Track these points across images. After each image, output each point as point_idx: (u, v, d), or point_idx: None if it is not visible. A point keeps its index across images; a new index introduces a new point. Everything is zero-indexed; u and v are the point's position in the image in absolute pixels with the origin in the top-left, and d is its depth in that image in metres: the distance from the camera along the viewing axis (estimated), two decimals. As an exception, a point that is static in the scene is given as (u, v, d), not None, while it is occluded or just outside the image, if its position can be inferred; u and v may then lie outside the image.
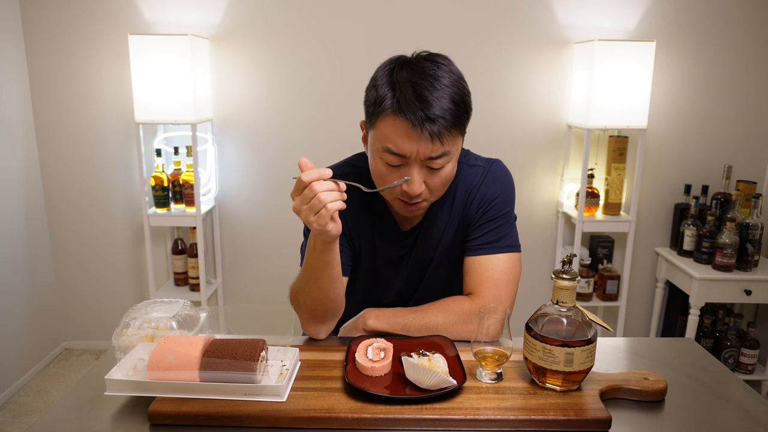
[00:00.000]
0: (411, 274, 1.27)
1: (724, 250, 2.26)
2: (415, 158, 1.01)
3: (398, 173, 1.04)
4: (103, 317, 2.74)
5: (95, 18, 2.42)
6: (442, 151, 1.01)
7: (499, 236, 1.19)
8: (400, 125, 0.99)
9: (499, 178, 1.20)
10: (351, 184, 1.00)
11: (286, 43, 2.45)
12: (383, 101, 1.00)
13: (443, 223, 1.21)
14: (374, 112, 1.03)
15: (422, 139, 0.98)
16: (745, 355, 2.38)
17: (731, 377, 1.06)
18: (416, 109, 0.97)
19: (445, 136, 1.00)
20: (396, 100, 0.99)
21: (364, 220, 1.21)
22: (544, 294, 2.70)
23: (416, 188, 1.03)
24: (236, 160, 2.58)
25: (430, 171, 1.04)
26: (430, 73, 1.00)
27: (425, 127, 0.97)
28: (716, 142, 2.53)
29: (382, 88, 1.02)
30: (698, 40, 2.44)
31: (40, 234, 2.61)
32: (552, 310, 0.96)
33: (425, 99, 0.98)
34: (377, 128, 1.03)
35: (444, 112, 0.98)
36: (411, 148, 1.00)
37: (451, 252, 1.25)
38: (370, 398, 0.91)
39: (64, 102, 2.52)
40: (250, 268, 2.70)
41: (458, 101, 1.01)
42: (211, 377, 0.91)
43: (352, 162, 1.23)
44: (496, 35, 2.44)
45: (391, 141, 1.00)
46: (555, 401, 0.92)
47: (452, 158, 1.05)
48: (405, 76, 1.01)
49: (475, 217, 1.19)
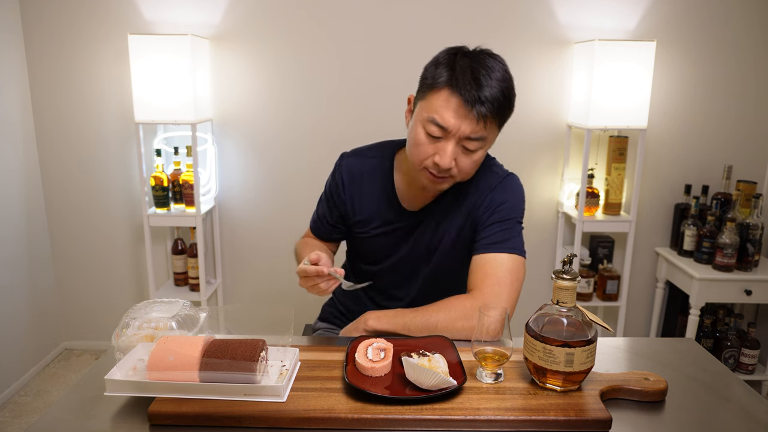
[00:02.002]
0: (412, 259, 1.30)
1: (725, 250, 2.26)
2: (455, 134, 1.10)
3: (434, 146, 1.12)
4: (103, 317, 2.74)
5: (95, 18, 2.42)
6: (481, 134, 1.11)
7: (505, 237, 1.22)
8: (453, 100, 1.08)
9: (511, 187, 1.27)
10: (335, 275, 1.14)
11: (286, 43, 2.45)
12: (441, 76, 1.10)
13: (448, 213, 1.26)
14: (431, 84, 1.11)
15: (469, 117, 1.08)
16: (746, 355, 2.38)
17: (731, 377, 1.06)
18: (471, 89, 1.07)
19: (489, 120, 1.09)
20: (455, 78, 1.08)
21: (371, 194, 1.30)
22: (544, 294, 2.70)
23: (447, 161, 1.11)
24: (236, 160, 2.58)
25: (464, 151, 1.12)
26: (488, 64, 1.11)
27: (475, 106, 1.07)
28: (716, 142, 2.53)
29: (442, 66, 1.11)
30: (698, 40, 2.44)
31: (40, 233, 2.61)
32: (552, 310, 0.96)
33: (480, 83, 1.08)
34: (428, 100, 1.12)
35: (494, 98, 1.08)
36: (456, 123, 1.09)
37: (455, 248, 1.27)
38: (370, 398, 0.91)
39: (64, 102, 2.52)
40: (250, 268, 2.70)
41: (506, 95, 1.11)
42: (211, 377, 0.91)
43: (378, 146, 1.35)
44: (496, 35, 2.44)
45: (439, 113, 1.09)
46: (555, 401, 0.92)
47: (485, 146, 1.14)
48: (465, 62, 1.10)
49: (482, 218, 1.24)
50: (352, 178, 1.32)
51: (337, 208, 1.35)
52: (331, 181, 1.36)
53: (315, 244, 1.40)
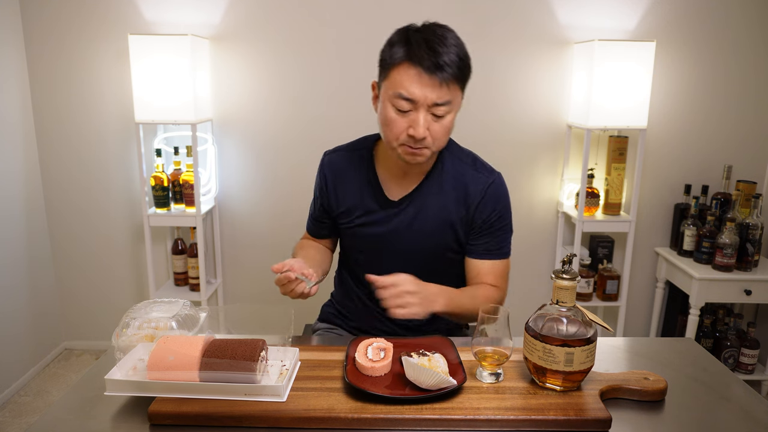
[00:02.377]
0: (399, 247, 1.33)
1: (724, 250, 2.26)
2: (423, 103, 1.14)
3: (406, 120, 1.16)
4: (103, 317, 2.74)
5: (95, 18, 2.42)
6: (447, 99, 1.15)
7: (502, 244, 1.33)
8: (412, 72, 1.13)
9: (504, 191, 1.33)
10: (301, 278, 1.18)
11: (286, 43, 2.45)
12: (398, 53, 1.15)
13: (431, 201, 1.30)
14: (390, 63, 1.17)
15: (432, 84, 1.13)
16: (745, 355, 2.38)
17: (731, 377, 1.06)
18: (429, 57, 1.12)
19: (450, 84, 1.14)
20: (411, 51, 1.13)
21: (353, 186, 1.35)
22: (544, 294, 2.70)
23: (421, 131, 1.15)
24: (236, 160, 2.58)
25: (434, 118, 1.17)
26: (440, 33, 1.16)
27: (435, 73, 1.12)
28: (716, 142, 2.53)
29: (396, 44, 1.17)
30: (698, 40, 2.44)
31: (40, 233, 2.61)
32: (552, 310, 0.96)
33: (436, 51, 1.12)
34: (390, 78, 1.17)
35: (452, 62, 1.13)
36: (420, 93, 1.13)
37: (444, 236, 1.31)
38: (370, 398, 0.91)
39: (64, 102, 2.52)
40: (250, 268, 2.70)
41: (462, 57, 1.16)
42: (211, 377, 0.91)
43: (359, 140, 1.42)
44: (496, 35, 2.44)
45: (404, 87, 1.14)
46: (555, 401, 0.92)
47: (453, 109, 1.19)
48: (418, 35, 1.15)
49: (480, 223, 1.30)
50: (335, 172, 1.37)
51: (323, 204, 1.40)
52: (317, 179, 1.42)
53: (310, 244, 1.46)
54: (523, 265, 2.67)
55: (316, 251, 1.42)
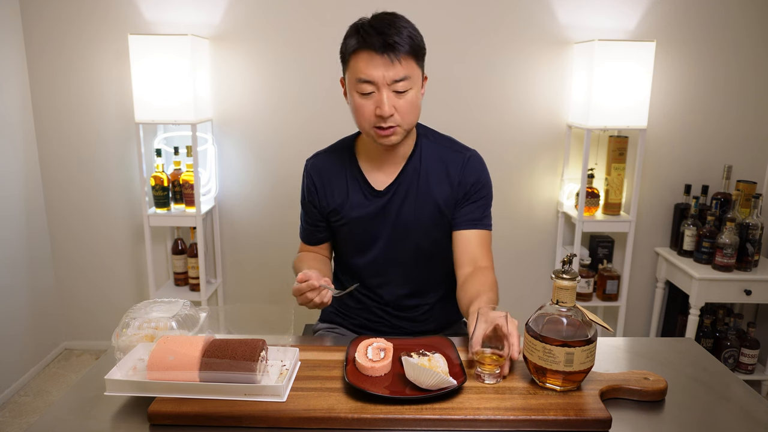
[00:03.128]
0: (392, 234, 1.36)
1: (724, 250, 2.26)
2: (382, 82, 1.20)
3: (371, 101, 1.22)
4: (103, 317, 2.74)
5: (95, 18, 2.42)
6: (403, 74, 1.20)
7: (485, 214, 1.37)
8: (366, 56, 1.20)
9: (482, 165, 1.38)
10: (327, 287, 1.18)
11: (286, 43, 2.45)
12: (351, 43, 1.22)
13: (416, 186, 1.34)
14: (346, 53, 1.24)
15: (385, 63, 1.18)
16: (745, 355, 2.38)
17: (731, 377, 1.06)
18: (378, 40, 1.18)
19: (403, 59, 1.20)
20: (362, 38, 1.20)
21: (339, 183, 1.38)
22: (544, 294, 2.70)
23: (386, 108, 1.20)
24: (236, 160, 2.58)
25: (397, 95, 1.22)
26: (388, 19, 1.22)
27: (386, 53, 1.18)
28: (716, 142, 2.53)
29: (350, 37, 1.24)
30: (698, 40, 2.44)
31: (40, 233, 2.61)
32: (552, 310, 0.96)
33: (384, 32, 1.18)
34: (350, 67, 1.24)
35: (401, 40, 1.19)
36: (377, 73, 1.19)
37: (434, 220, 1.35)
38: (370, 398, 0.91)
39: (64, 102, 2.52)
40: (250, 268, 2.70)
41: (413, 36, 1.22)
42: (211, 377, 0.91)
43: (339, 141, 1.48)
44: (496, 35, 2.44)
45: (362, 71, 1.20)
46: (555, 401, 0.92)
47: (414, 85, 1.23)
48: (367, 24, 1.22)
49: (463, 196, 1.34)
50: (320, 174, 1.40)
51: (314, 208, 1.41)
52: (303, 187, 1.45)
53: (310, 257, 1.45)
54: (523, 265, 2.67)
55: (318, 262, 1.42)
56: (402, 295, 1.41)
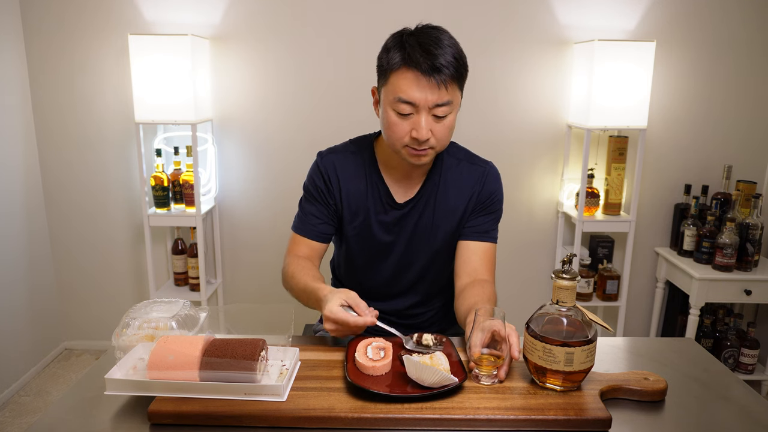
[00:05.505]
0: (408, 246, 1.35)
1: (724, 250, 2.26)
2: (424, 105, 1.15)
3: (408, 122, 1.17)
4: (103, 317, 2.74)
5: (95, 18, 2.42)
6: (447, 99, 1.16)
7: (492, 227, 1.35)
8: (410, 76, 1.14)
9: (497, 177, 1.37)
10: (391, 331, 1.12)
11: (286, 43, 2.45)
12: (395, 58, 1.16)
13: (436, 200, 1.32)
14: (387, 68, 1.18)
15: (430, 86, 1.14)
16: (745, 355, 2.38)
17: (731, 377, 1.06)
18: (425, 60, 1.13)
19: (449, 84, 1.15)
20: (407, 55, 1.14)
21: (358, 187, 1.34)
22: (544, 294, 2.70)
23: (424, 133, 1.16)
24: (236, 160, 2.58)
25: (436, 119, 1.18)
26: (434, 36, 1.16)
27: (433, 75, 1.13)
28: (716, 142, 2.53)
29: (393, 50, 1.17)
30: (698, 40, 2.44)
31: (40, 234, 2.61)
32: (552, 310, 0.96)
33: (432, 53, 1.13)
34: (390, 83, 1.18)
35: (448, 63, 1.14)
36: (420, 96, 1.14)
37: (452, 235, 1.34)
38: (370, 398, 0.91)
39: (65, 102, 2.52)
40: (250, 268, 2.70)
41: (458, 58, 1.17)
42: (211, 377, 0.91)
43: (354, 141, 1.40)
44: (496, 35, 2.44)
45: (403, 91, 1.15)
46: (555, 401, 0.92)
47: (454, 109, 1.20)
48: (413, 39, 1.16)
49: (476, 208, 1.33)
50: (340, 173, 1.34)
51: (326, 205, 1.35)
52: (315, 179, 1.36)
53: (310, 268, 1.30)
54: (523, 265, 2.67)
55: (318, 272, 1.31)
56: (408, 305, 1.41)
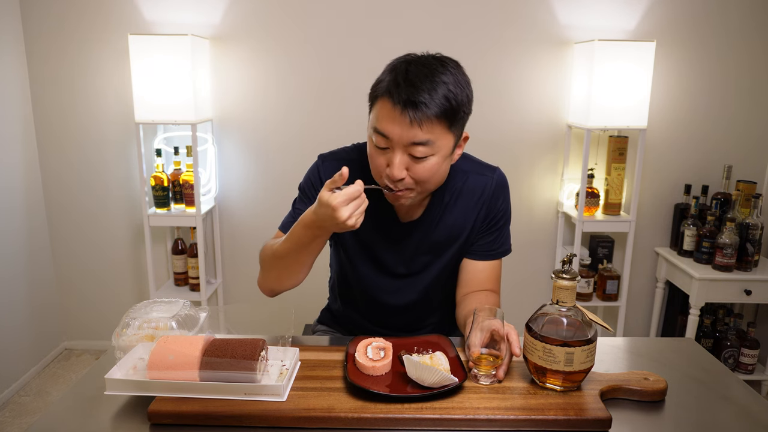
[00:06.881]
0: (412, 263, 1.27)
1: (724, 250, 2.26)
2: (398, 141, 1.03)
3: (385, 157, 1.07)
4: (103, 317, 2.74)
5: (96, 18, 2.42)
6: (423, 139, 1.02)
7: (501, 243, 1.28)
8: (387, 106, 1.03)
9: (504, 186, 1.27)
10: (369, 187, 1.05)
11: (286, 43, 2.45)
12: (383, 84, 1.05)
13: (446, 217, 1.23)
14: (375, 93, 1.08)
15: (402, 122, 1.01)
16: (745, 355, 2.38)
17: (731, 377, 1.06)
18: (403, 93, 1.01)
19: (426, 123, 1.01)
20: (391, 83, 1.03)
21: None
22: (544, 294, 2.70)
23: (396, 172, 1.05)
24: (236, 160, 2.58)
25: (413, 159, 1.05)
26: (431, 67, 1.04)
27: (407, 110, 1.00)
28: (716, 142, 2.53)
29: (384, 74, 1.07)
30: (698, 40, 2.44)
31: (40, 234, 2.61)
32: (552, 310, 0.96)
33: (414, 85, 1.01)
34: (373, 110, 1.08)
35: (429, 100, 1.00)
36: (393, 130, 1.03)
37: (460, 248, 1.27)
38: (370, 398, 0.91)
39: (65, 102, 2.52)
40: (250, 268, 2.70)
41: (450, 98, 1.03)
42: (211, 377, 0.91)
43: (358, 148, 1.27)
44: (496, 35, 2.44)
45: (379, 121, 1.05)
46: (555, 401, 0.92)
47: (437, 152, 1.06)
48: (404, 66, 1.05)
49: (484, 225, 1.25)
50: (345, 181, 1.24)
51: None
52: (312, 182, 1.28)
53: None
54: (523, 265, 2.67)
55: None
56: (413, 320, 1.35)
